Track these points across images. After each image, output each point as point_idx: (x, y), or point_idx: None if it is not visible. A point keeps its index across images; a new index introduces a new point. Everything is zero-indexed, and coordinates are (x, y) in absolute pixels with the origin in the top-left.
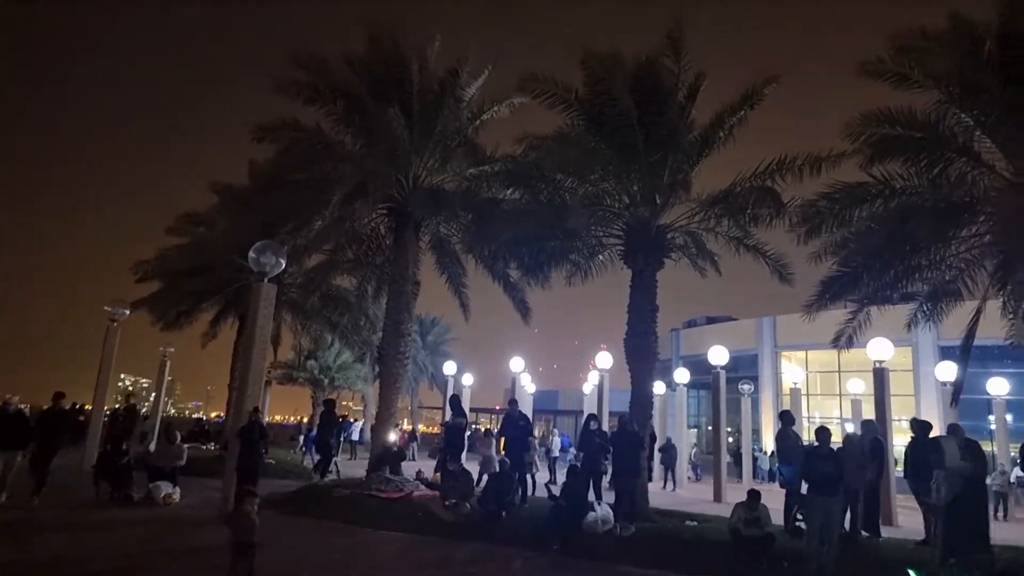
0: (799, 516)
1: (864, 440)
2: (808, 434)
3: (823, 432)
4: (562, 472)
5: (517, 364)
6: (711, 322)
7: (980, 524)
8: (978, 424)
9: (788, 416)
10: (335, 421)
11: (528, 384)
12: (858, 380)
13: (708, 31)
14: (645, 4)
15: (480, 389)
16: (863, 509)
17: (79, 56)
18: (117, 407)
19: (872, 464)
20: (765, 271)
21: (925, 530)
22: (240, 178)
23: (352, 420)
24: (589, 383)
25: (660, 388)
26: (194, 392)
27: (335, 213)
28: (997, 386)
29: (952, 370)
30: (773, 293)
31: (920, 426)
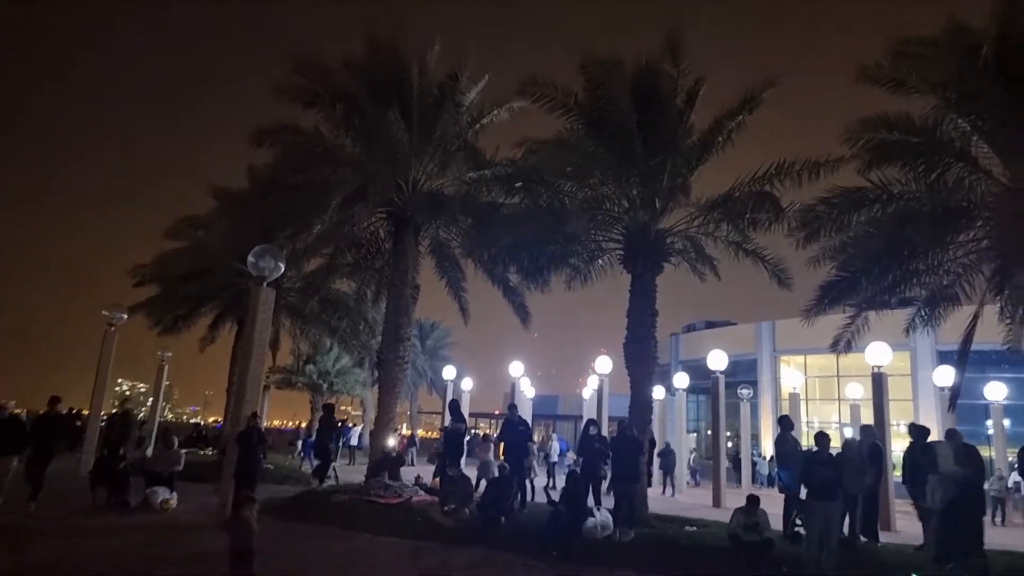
0: (798, 521)
1: (863, 445)
2: (807, 439)
3: (822, 437)
4: (561, 477)
5: (516, 369)
6: (710, 326)
7: (975, 529)
8: (976, 429)
9: (787, 421)
10: (334, 426)
11: (527, 389)
12: (857, 385)
13: (708, 32)
14: (645, 4)
15: (479, 394)
16: (862, 514)
17: (79, 56)
18: (115, 412)
19: (871, 469)
20: (764, 276)
21: (924, 535)
22: (239, 181)
23: (351, 425)
24: (588, 388)
25: (659, 393)
26: (192, 397)
27: (334, 217)
28: (995, 391)
29: (950, 375)
30: (772, 298)
31: (918, 431)
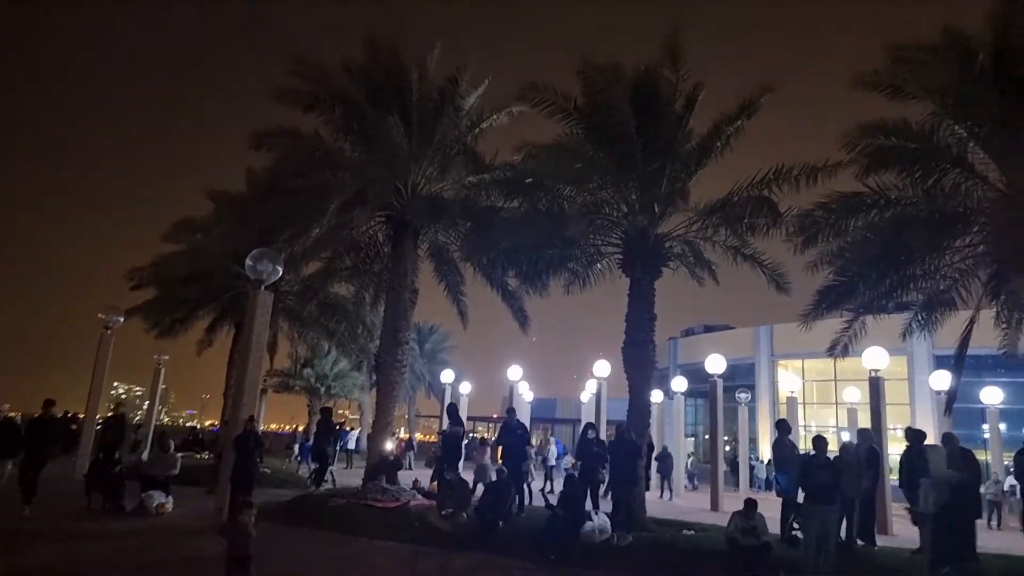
0: (796, 525)
1: (860, 449)
2: (805, 443)
3: (820, 441)
4: (559, 480)
5: (515, 372)
6: (708, 331)
7: (968, 533)
8: (972, 433)
9: (785, 425)
10: (332, 429)
11: (526, 392)
12: (854, 389)
13: (708, 31)
14: (646, 5)
15: (478, 397)
16: (859, 518)
17: (79, 56)
18: (110, 415)
19: (868, 473)
20: (762, 280)
21: (920, 539)
22: (238, 184)
23: (348, 429)
24: (587, 391)
25: (658, 397)
26: (189, 401)
27: (333, 221)
28: (991, 395)
29: (947, 379)
30: (770, 302)
31: (915, 435)
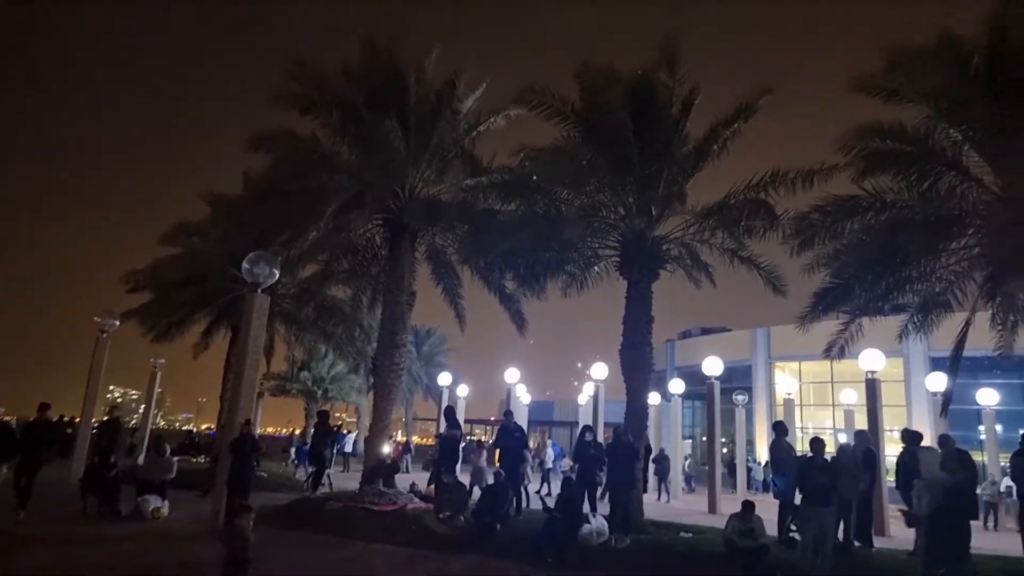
0: (793, 527)
1: (857, 451)
2: (802, 444)
3: (818, 443)
4: (556, 482)
5: (512, 375)
6: (706, 333)
7: (963, 535)
8: (968, 434)
9: (782, 427)
10: (329, 432)
11: (523, 395)
12: (851, 390)
13: (707, 31)
14: (645, 5)
15: (475, 400)
16: (856, 519)
17: (78, 57)
18: (106, 419)
19: (865, 475)
20: (759, 283)
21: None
22: (235, 185)
23: (346, 432)
24: (584, 394)
25: (655, 399)
26: (185, 404)
27: (330, 223)
28: (987, 397)
29: (943, 381)
30: (767, 304)
31: (911, 436)
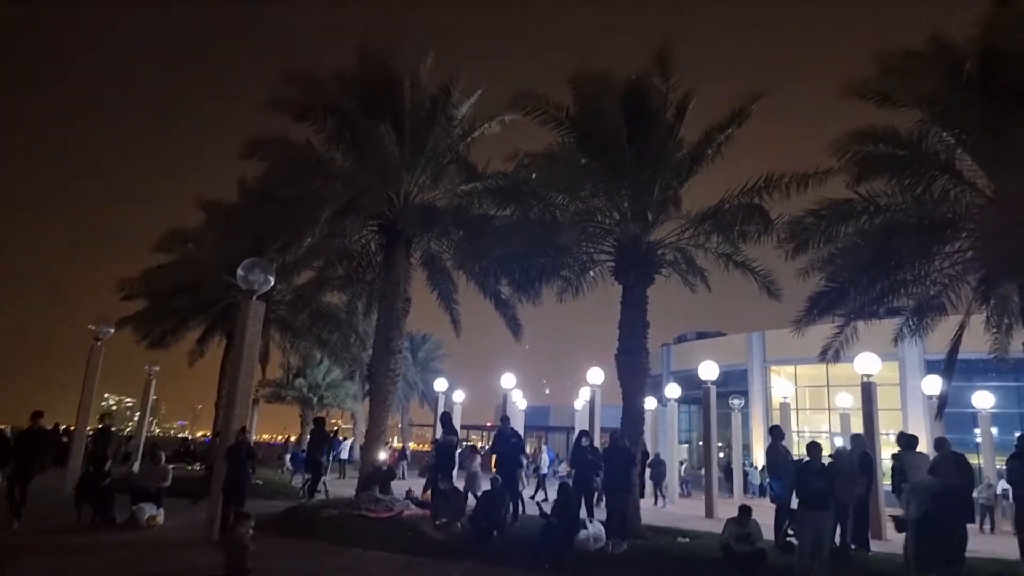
0: (790, 531)
1: (854, 454)
2: (798, 448)
3: (815, 447)
4: (552, 488)
5: (508, 380)
6: (701, 337)
7: (955, 539)
8: (964, 437)
9: (778, 431)
10: (325, 438)
11: (519, 400)
12: (846, 394)
13: (706, 33)
14: (645, 5)
15: (471, 406)
16: (853, 523)
17: (78, 57)
18: (100, 427)
19: (862, 478)
20: (754, 287)
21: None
22: (234, 190)
23: (342, 438)
24: (580, 399)
25: (651, 403)
26: (180, 411)
27: (325, 230)
28: (982, 399)
29: (938, 384)
30: (762, 308)
31: (906, 440)
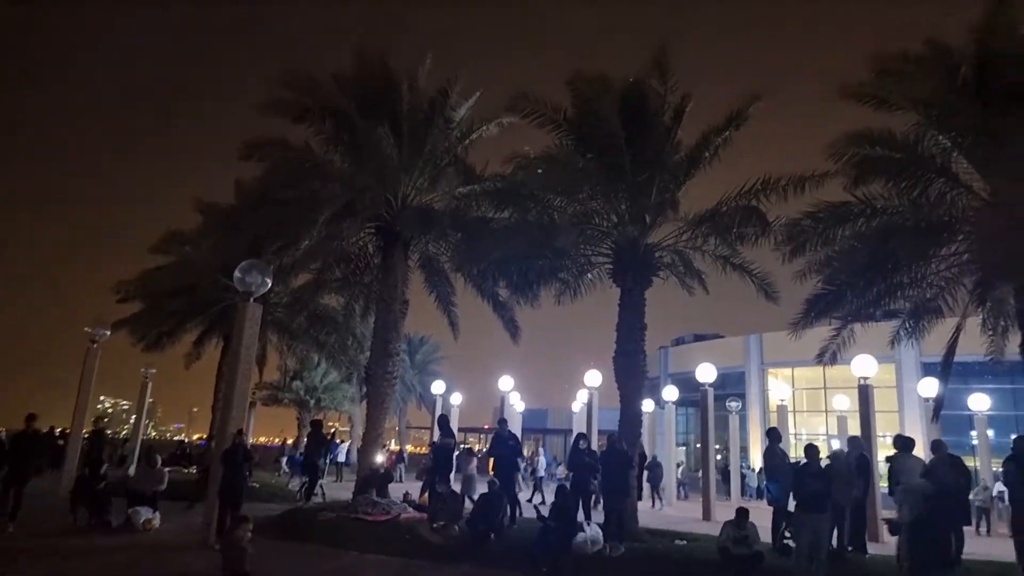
0: (787, 534)
1: (851, 457)
2: (795, 451)
3: (812, 450)
4: (549, 491)
5: (506, 383)
6: (699, 340)
7: (947, 542)
8: (961, 439)
9: (775, 433)
10: (323, 441)
11: (517, 403)
12: (843, 396)
13: (706, 33)
14: (646, 5)
15: (469, 408)
16: (850, 526)
17: (78, 57)
18: (92, 430)
19: (859, 481)
20: (751, 289)
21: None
22: (227, 196)
23: (339, 441)
24: (578, 401)
25: (649, 406)
26: (176, 414)
27: (323, 232)
28: (978, 402)
29: (934, 386)
30: (760, 311)
31: (903, 442)
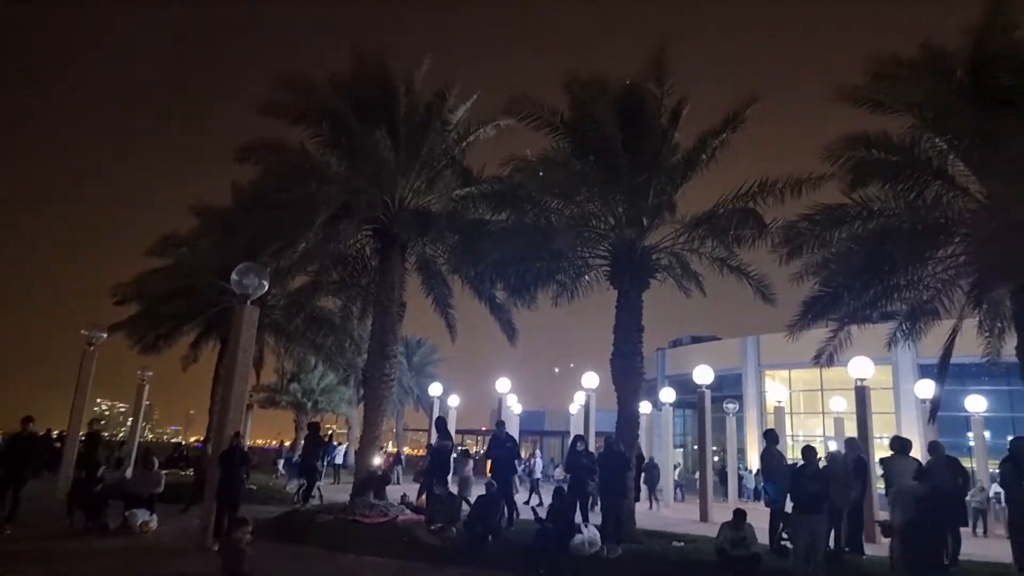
0: (785, 535)
1: (848, 458)
2: (792, 452)
3: (809, 451)
4: (547, 492)
5: (503, 385)
6: (696, 341)
7: (941, 544)
8: (958, 441)
9: (772, 435)
10: (320, 444)
11: (515, 405)
12: (840, 398)
13: (706, 33)
14: (646, 5)
15: (466, 410)
16: (847, 527)
17: (78, 57)
18: (88, 432)
19: (856, 482)
20: (749, 291)
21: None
22: (223, 200)
23: (336, 443)
24: (576, 403)
25: (646, 408)
26: (173, 417)
27: (320, 234)
28: (975, 403)
29: (931, 388)
30: (757, 313)
31: (899, 444)
